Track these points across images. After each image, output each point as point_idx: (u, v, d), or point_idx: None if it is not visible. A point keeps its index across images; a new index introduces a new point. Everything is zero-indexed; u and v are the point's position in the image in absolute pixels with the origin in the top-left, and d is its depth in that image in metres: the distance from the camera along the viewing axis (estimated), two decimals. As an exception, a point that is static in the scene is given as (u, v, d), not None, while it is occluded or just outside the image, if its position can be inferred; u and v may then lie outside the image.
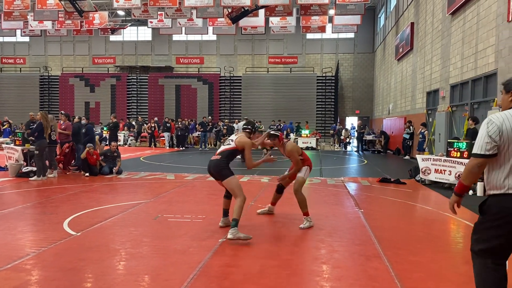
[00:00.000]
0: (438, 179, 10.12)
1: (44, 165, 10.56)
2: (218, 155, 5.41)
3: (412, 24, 19.35)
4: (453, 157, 9.73)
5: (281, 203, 7.44)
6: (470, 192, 8.88)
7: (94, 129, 13.23)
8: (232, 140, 5.48)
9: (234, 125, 21.46)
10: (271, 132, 6.19)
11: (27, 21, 25.06)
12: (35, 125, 11.25)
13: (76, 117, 13.39)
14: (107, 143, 15.10)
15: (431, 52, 16.48)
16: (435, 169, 10.22)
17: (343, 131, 25.42)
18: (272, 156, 5.88)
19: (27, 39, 35.51)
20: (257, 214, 6.73)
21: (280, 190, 6.59)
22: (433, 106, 16.27)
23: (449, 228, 6.41)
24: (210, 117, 28.06)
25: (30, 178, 10.39)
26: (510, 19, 9.54)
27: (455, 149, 9.73)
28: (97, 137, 15.00)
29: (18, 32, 31.74)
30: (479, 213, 2.91)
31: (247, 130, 5.66)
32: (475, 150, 2.84)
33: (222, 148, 5.51)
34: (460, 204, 3.03)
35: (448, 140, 10.66)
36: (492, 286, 2.85)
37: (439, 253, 4.87)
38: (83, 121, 12.81)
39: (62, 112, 12.71)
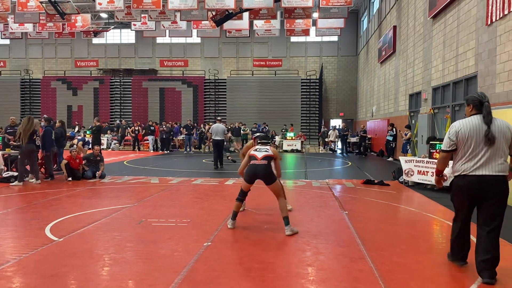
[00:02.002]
0: (421, 180, 10.25)
1: (25, 170, 10.36)
2: (263, 160, 5.81)
3: (395, 27, 19.61)
4: (435, 158, 9.85)
5: (265, 207, 7.45)
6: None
7: (55, 131, 11.76)
8: (268, 149, 5.97)
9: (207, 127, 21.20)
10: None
11: (7, 23, 24.63)
12: (13, 129, 11.03)
13: (58, 121, 13.21)
14: (90, 147, 14.86)
15: (413, 55, 16.73)
16: (418, 171, 10.36)
17: (330, 132, 25.52)
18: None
19: (7, 41, 34.92)
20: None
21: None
22: (415, 108, 16.51)
23: (432, 229, 6.50)
24: (190, 120, 27.90)
25: (11, 183, 10.20)
26: (489, 23, 9.75)
27: (437, 150, 9.86)
28: (80, 142, 14.79)
29: (-2, 34, 31.23)
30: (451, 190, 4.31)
31: (269, 144, 6.22)
32: (442, 147, 4.27)
33: (262, 154, 5.88)
34: (444, 179, 4.46)
35: (431, 142, 10.81)
36: (457, 239, 4.30)
37: (422, 254, 4.93)
38: (43, 123, 11.52)
39: (45, 116, 12.49)
